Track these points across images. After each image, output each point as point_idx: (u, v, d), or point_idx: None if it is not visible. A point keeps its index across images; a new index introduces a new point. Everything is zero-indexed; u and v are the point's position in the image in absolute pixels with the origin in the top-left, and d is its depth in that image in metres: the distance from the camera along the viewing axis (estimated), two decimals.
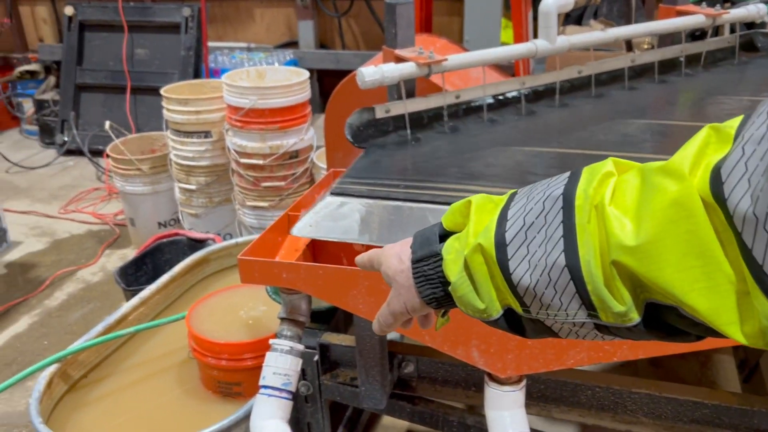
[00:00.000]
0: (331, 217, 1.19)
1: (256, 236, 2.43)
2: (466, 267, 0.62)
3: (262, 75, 2.74)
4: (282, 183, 2.60)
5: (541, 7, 1.51)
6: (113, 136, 2.98)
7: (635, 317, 0.52)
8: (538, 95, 1.59)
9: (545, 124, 1.48)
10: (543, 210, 0.57)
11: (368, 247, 1.27)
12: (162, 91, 2.77)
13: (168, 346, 2.00)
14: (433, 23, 2.64)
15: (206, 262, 2.32)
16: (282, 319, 1.27)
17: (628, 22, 2.00)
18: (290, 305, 1.27)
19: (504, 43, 3.80)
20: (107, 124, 3.02)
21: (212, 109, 2.70)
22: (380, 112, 1.43)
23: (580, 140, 1.37)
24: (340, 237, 1.17)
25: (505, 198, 0.64)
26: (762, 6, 1.81)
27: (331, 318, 1.52)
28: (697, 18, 1.71)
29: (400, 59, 1.42)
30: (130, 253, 3.02)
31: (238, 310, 1.87)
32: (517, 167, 1.27)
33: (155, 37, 4.22)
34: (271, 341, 1.26)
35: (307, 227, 1.19)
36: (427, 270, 0.67)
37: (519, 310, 0.60)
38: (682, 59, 1.75)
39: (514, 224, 0.59)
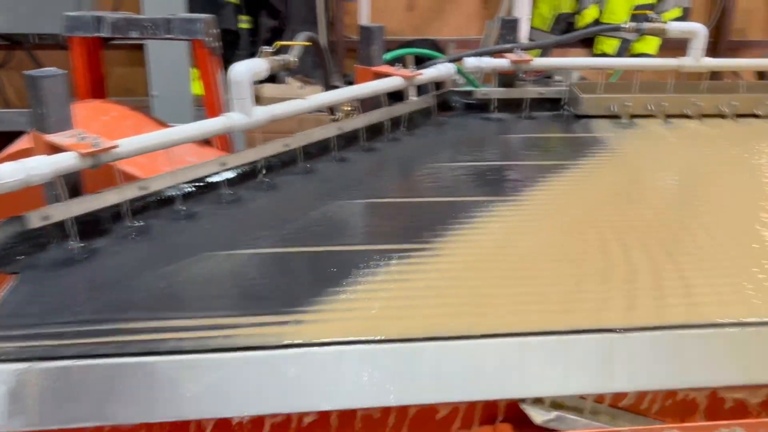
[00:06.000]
0: None
1: None
2: None
3: None
4: None
5: (232, 75, 1.29)
6: None
7: None
8: (244, 176, 1.36)
9: (255, 214, 1.25)
10: None
11: None
12: None
13: None
14: (114, 75, 2.26)
15: None
16: None
17: (326, 73, 1.87)
18: None
19: (197, 96, 3.53)
20: None
21: None
22: (36, 221, 1.07)
23: (296, 233, 1.16)
24: None
25: None
26: (450, 65, 1.84)
27: None
28: (394, 80, 1.66)
29: (54, 148, 1.07)
30: None
31: None
32: (236, 280, 1.01)
33: None
34: None
35: None
36: None
37: None
38: (387, 123, 1.68)
39: None
